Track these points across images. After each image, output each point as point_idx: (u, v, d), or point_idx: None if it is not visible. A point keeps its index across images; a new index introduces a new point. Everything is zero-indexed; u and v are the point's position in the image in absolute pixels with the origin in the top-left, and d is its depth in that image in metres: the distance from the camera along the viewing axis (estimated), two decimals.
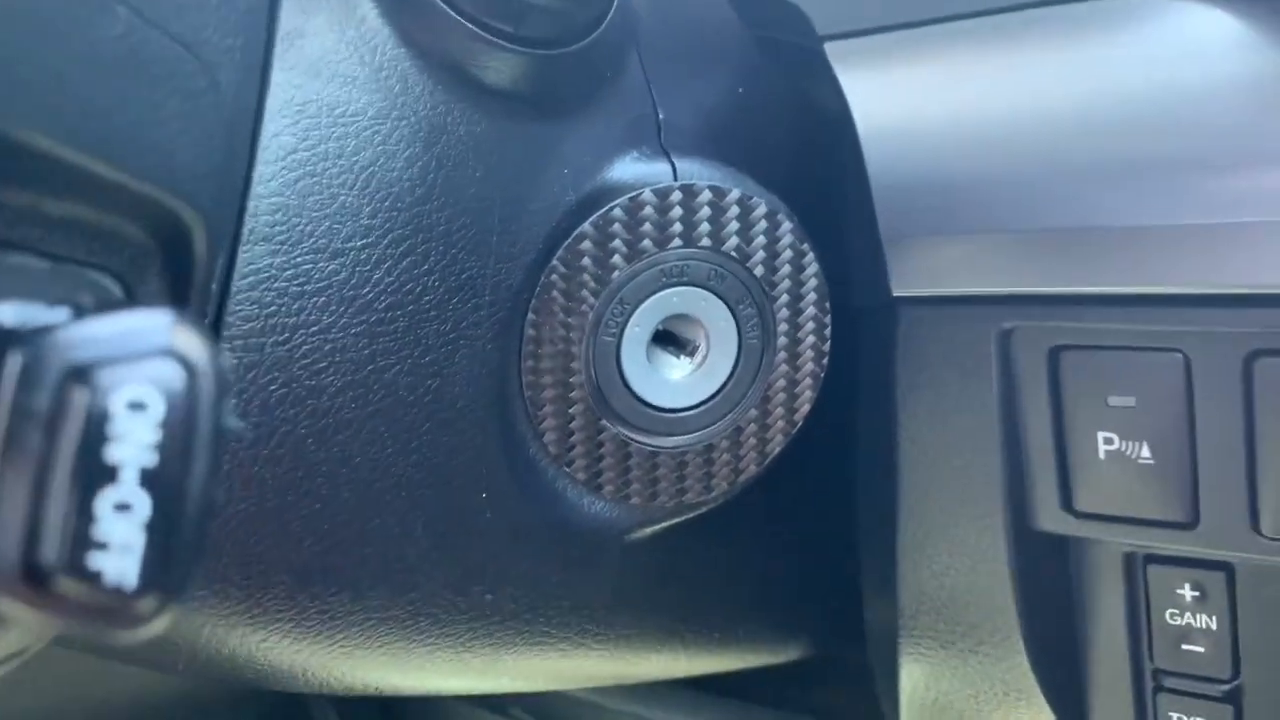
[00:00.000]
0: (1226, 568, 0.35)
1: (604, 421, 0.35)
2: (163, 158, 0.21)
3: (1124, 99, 0.33)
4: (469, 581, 0.33)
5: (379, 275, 0.29)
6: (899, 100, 0.37)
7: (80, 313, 0.14)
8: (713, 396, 0.36)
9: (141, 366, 0.14)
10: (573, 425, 0.34)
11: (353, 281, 0.29)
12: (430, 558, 0.32)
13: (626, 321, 0.35)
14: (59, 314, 0.14)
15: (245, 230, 0.27)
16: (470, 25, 0.29)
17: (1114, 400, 0.35)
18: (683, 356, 0.36)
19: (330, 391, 0.29)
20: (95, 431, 0.13)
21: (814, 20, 0.39)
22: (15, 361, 0.14)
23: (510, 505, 0.33)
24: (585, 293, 0.33)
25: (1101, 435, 0.35)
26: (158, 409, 0.14)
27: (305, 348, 0.28)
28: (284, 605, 0.29)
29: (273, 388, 0.28)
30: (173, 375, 0.14)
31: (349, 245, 0.28)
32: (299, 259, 0.28)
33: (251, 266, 0.27)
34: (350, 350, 0.29)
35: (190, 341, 0.15)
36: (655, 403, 0.36)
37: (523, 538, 0.34)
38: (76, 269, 0.23)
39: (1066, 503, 0.36)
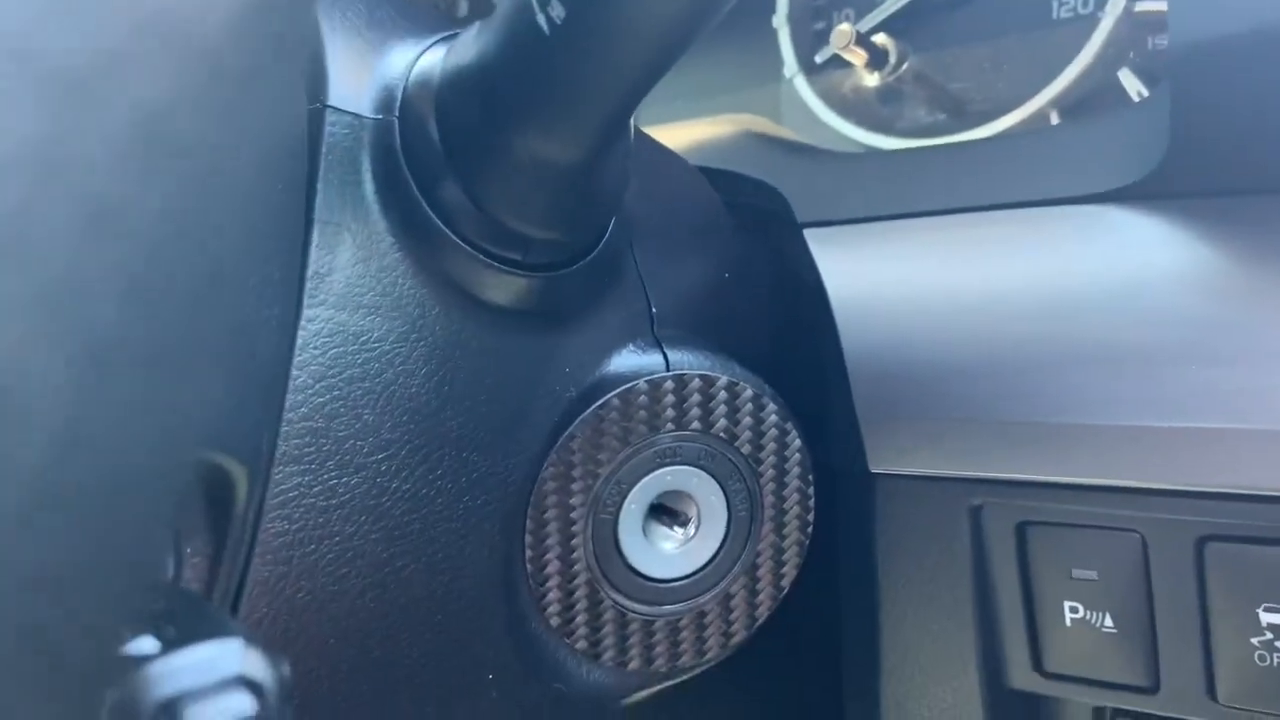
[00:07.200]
0: None
1: (603, 594, 0.37)
2: (209, 429, 0.24)
3: (1079, 299, 0.36)
4: None
5: (397, 484, 0.31)
6: (873, 289, 0.40)
7: (166, 642, 0.17)
8: (704, 566, 0.38)
9: (219, 701, 0.16)
10: (574, 599, 0.37)
11: (373, 492, 0.31)
12: None
13: (623, 500, 0.37)
14: (148, 644, 0.17)
15: (278, 454, 0.29)
16: (481, 256, 0.32)
17: (1078, 573, 0.37)
18: (676, 528, 0.39)
19: (352, 594, 0.31)
20: None
21: (794, 207, 0.43)
22: (112, 697, 0.16)
23: (515, 682, 0.35)
24: (584, 476, 0.36)
25: (1067, 604, 0.37)
26: None
27: (329, 556, 0.30)
28: None
29: (299, 595, 0.30)
30: (246, 704, 0.17)
31: (371, 459, 0.31)
32: (325, 476, 0.30)
33: (282, 486, 0.29)
34: (370, 555, 0.31)
35: (257, 664, 0.17)
36: (651, 574, 0.38)
37: (527, 711, 0.36)
38: None
39: (1037, 664, 0.39)
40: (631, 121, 0.33)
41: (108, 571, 0.14)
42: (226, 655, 0.17)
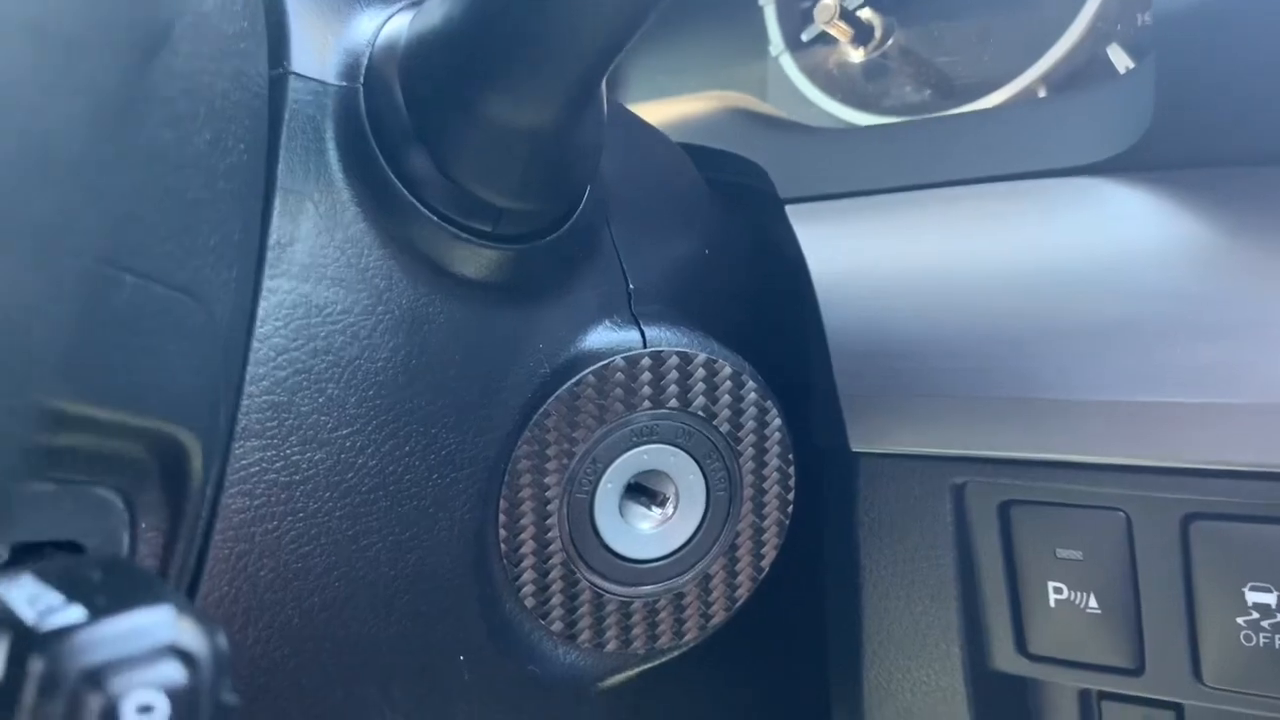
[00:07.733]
0: (1177, 707, 0.37)
1: (579, 574, 0.36)
2: (162, 394, 0.23)
3: (1063, 273, 0.35)
4: None
5: (363, 460, 0.31)
6: (856, 264, 0.39)
7: (95, 611, 0.16)
8: (682, 547, 0.38)
9: (148, 670, 0.16)
10: (549, 579, 0.36)
11: (338, 468, 0.30)
12: None
13: (599, 479, 0.36)
14: (75, 613, 0.16)
15: (238, 428, 0.28)
16: (449, 227, 0.31)
17: (1062, 553, 0.36)
18: (653, 508, 0.38)
19: (316, 572, 0.30)
20: None
21: (779, 183, 0.42)
22: (36, 666, 0.15)
23: (488, 663, 0.35)
24: (560, 455, 0.35)
25: (1051, 585, 0.37)
26: (163, 710, 0.16)
27: (293, 533, 0.30)
28: None
29: (262, 572, 0.29)
30: (176, 674, 0.16)
31: (335, 435, 0.30)
32: (288, 451, 0.29)
33: (243, 461, 0.29)
34: (335, 532, 0.30)
35: (190, 632, 0.16)
36: (628, 554, 0.37)
37: (501, 694, 0.35)
38: (81, 488, 0.24)
39: (1021, 646, 0.38)
40: (603, 89, 0.32)
41: None
42: (157, 623, 0.16)
